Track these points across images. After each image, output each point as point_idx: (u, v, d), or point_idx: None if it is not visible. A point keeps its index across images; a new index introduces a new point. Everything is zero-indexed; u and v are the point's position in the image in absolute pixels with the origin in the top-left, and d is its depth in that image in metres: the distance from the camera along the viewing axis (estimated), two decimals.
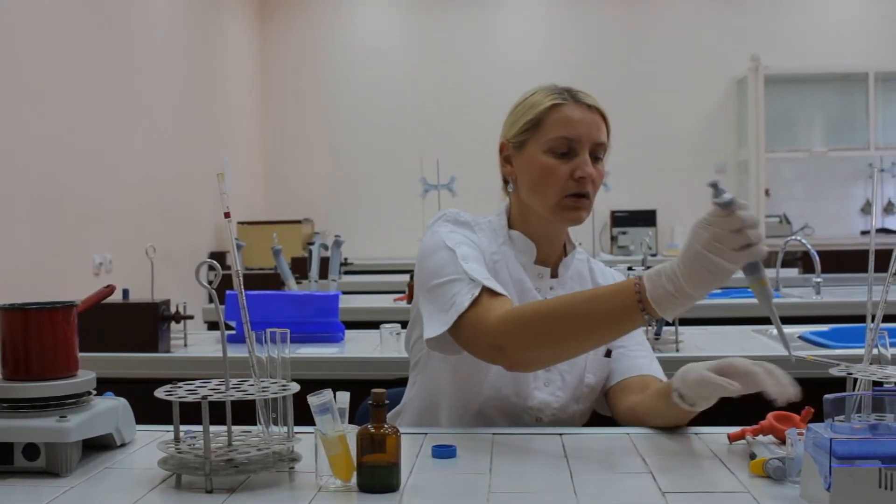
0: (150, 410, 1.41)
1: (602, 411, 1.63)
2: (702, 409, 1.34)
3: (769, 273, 4.23)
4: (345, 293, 3.06)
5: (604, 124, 1.54)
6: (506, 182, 1.60)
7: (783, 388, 1.24)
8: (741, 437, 1.31)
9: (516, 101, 1.59)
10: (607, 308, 1.28)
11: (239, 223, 5.65)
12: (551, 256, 1.59)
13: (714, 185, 1.19)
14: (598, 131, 1.51)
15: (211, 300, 1.68)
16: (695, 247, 1.19)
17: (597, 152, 1.52)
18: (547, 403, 1.53)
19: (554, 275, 1.58)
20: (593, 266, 1.66)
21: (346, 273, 4.45)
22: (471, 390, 1.52)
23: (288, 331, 1.25)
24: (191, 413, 1.20)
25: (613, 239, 6.62)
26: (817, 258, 3.36)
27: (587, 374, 1.56)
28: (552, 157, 1.50)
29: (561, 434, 1.41)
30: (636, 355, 1.59)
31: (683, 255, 1.21)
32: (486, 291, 1.41)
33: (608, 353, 1.58)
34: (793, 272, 4.41)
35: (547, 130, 1.51)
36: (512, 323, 1.34)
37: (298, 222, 5.94)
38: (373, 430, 1.11)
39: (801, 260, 5.20)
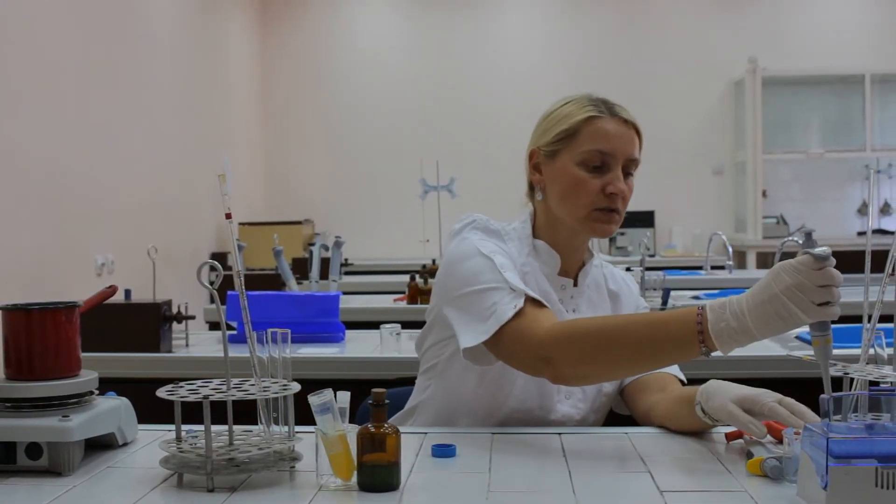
0: (151, 410, 1.42)
1: (620, 410, 1.61)
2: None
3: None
4: (345, 293, 3.07)
5: (638, 139, 1.53)
6: (531, 189, 1.59)
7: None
8: (739, 436, 1.32)
9: (548, 108, 1.57)
10: (665, 335, 1.25)
11: (240, 224, 5.66)
12: (573, 266, 1.58)
13: (808, 235, 1.16)
14: (632, 146, 1.51)
15: (212, 300, 1.69)
16: (773, 290, 1.15)
17: (629, 168, 1.51)
18: (569, 416, 1.53)
19: (574, 284, 1.58)
20: (605, 272, 1.65)
21: (347, 273, 4.46)
22: (495, 401, 1.50)
23: (289, 331, 1.26)
24: (192, 413, 1.21)
25: (612, 240, 6.62)
26: None
27: (605, 384, 1.56)
28: (585, 169, 1.49)
29: (560, 434, 1.42)
30: None
31: (756, 294, 1.18)
32: (530, 302, 1.39)
33: None
34: None
35: (581, 142, 1.49)
36: (562, 336, 1.33)
37: (299, 223, 5.95)
38: (373, 430, 1.12)
39: None
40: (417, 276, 3.31)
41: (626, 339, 1.29)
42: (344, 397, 1.17)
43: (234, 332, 2.38)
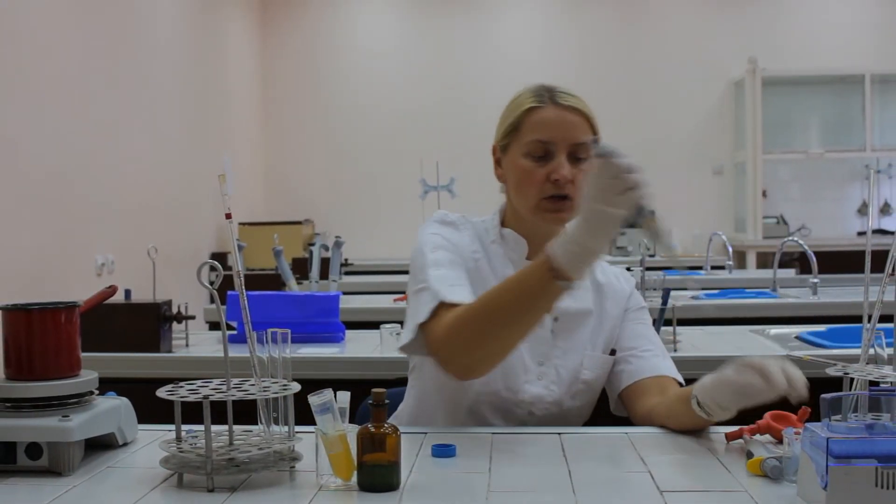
0: (151, 410, 1.42)
1: (619, 413, 1.62)
2: (720, 419, 1.33)
3: (767, 273, 4.19)
4: (345, 293, 3.07)
5: (587, 123, 1.53)
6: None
7: (797, 391, 1.22)
8: (739, 436, 1.32)
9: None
10: (524, 287, 1.30)
11: (240, 224, 5.66)
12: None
13: (595, 142, 1.25)
14: (575, 132, 1.51)
15: (212, 300, 1.68)
16: (585, 202, 1.24)
17: (577, 153, 1.51)
18: (540, 397, 1.53)
19: None
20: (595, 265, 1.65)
21: (347, 273, 4.46)
22: (461, 387, 1.52)
23: (289, 331, 1.26)
24: (192, 413, 1.21)
25: (611, 240, 6.62)
26: (814, 259, 3.37)
27: (584, 370, 1.56)
28: (530, 160, 1.51)
29: (560, 433, 1.42)
30: (648, 355, 1.57)
31: (579, 213, 1.26)
32: (444, 305, 1.41)
33: (612, 352, 1.58)
34: (790, 273, 4.42)
35: (525, 134, 1.52)
36: (449, 334, 1.36)
37: (299, 223, 5.95)
38: (373, 430, 1.12)
39: (798, 261, 5.21)
40: None
41: (496, 311, 1.32)
42: (344, 397, 1.17)
43: (234, 332, 2.38)
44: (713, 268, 4.76)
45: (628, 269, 2.36)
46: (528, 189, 1.51)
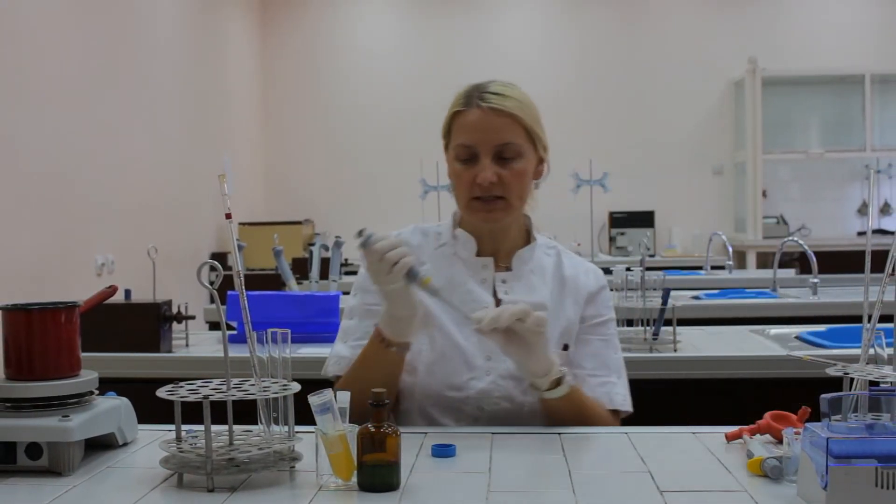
0: (151, 410, 1.42)
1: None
2: (544, 388, 1.42)
3: (767, 273, 4.19)
4: (345, 293, 3.06)
5: (515, 122, 1.52)
6: None
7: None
8: (738, 436, 1.32)
9: None
10: (372, 358, 1.46)
11: (240, 224, 5.66)
12: (500, 249, 1.61)
13: (359, 233, 1.37)
14: (498, 134, 1.51)
15: (212, 300, 1.68)
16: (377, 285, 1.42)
17: (503, 153, 1.52)
18: (487, 392, 1.53)
19: (508, 268, 1.60)
20: (564, 259, 1.65)
21: (347, 273, 4.45)
22: (403, 393, 1.55)
23: (289, 331, 1.26)
24: (192, 413, 1.21)
25: (612, 240, 6.63)
26: (814, 259, 3.37)
27: None
28: (459, 163, 1.55)
29: (560, 433, 1.42)
30: (601, 382, 1.57)
31: None
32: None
33: (565, 347, 1.57)
34: (790, 273, 4.42)
35: (454, 137, 1.56)
36: (340, 388, 1.39)
37: (299, 223, 5.95)
38: (373, 430, 1.12)
39: (798, 261, 5.22)
40: None
41: (360, 380, 1.43)
42: (344, 397, 1.17)
43: (234, 332, 2.38)
44: (713, 268, 4.76)
45: (628, 269, 2.37)
46: (459, 191, 1.56)
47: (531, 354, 1.39)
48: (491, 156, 1.51)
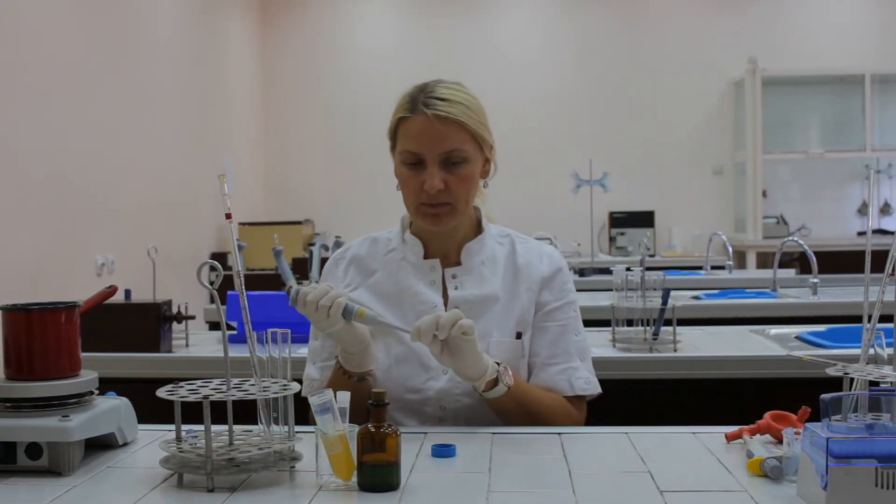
0: (151, 410, 1.42)
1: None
2: (482, 389, 1.44)
3: (767, 273, 4.19)
4: None
5: (461, 128, 1.51)
6: None
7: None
8: (738, 436, 1.32)
9: None
10: (338, 386, 1.41)
11: (240, 224, 5.66)
12: (450, 247, 1.61)
13: (287, 291, 1.45)
14: (444, 141, 1.50)
15: (212, 300, 1.68)
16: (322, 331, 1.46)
17: (451, 158, 1.51)
18: (446, 391, 1.53)
19: (458, 262, 1.60)
20: (518, 247, 1.63)
21: None
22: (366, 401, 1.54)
23: (289, 331, 1.26)
24: (192, 413, 1.21)
25: (612, 240, 6.63)
26: (814, 259, 3.37)
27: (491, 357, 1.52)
28: (406, 167, 1.54)
29: (560, 433, 1.42)
30: (562, 368, 1.56)
31: None
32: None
33: (518, 336, 1.57)
34: (790, 273, 4.42)
35: (399, 142, 1.56)
36: None
37: (299, 223, 5.95)
38: (373, 430, 1.12)
39: (798, 261, 5.22)
40: None
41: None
42: (344, 397, 1.17)
43: (234, 332, 2.38)
44: (713, 268, 4.76)
45: (628, 269, 2.36)
46: (407, 195, 1.57)
47: (464, 360, 1.39)
48: (437, 163, 1.51)
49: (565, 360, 1.57)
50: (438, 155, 1.51)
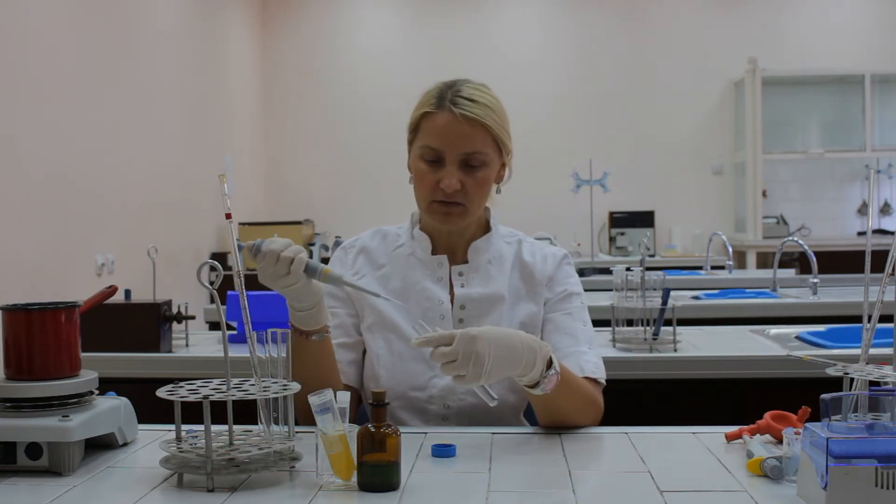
0: (151, 410, 1.42)
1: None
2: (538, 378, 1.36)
3: (767, 273, 4.19)
4: None
5: (485, 131, 1.51)
6: None
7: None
8: (738, 436, 1.32)
9: None
10: (296, 349, 1.40)
11: (240, 224, 5.66)
12: (458, 245, 1.61)
13: (249, 248, 1.37)
14: (465, 142, 1.50)
15: (212, 300, 1.68)
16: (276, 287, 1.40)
17: (471, 161, 1.51)
18: (450, 389, 1.53)
19: (465, 260, 1.60)
20: (525, 249, 1.64)
21: None
22: (367, 389, 1.56)
23: (289, 331, 1.26)
24: (192, 413, 1.21)
25: (612, 240, 6.63)
26: (814, 259, 3.38)
27: None
28: (423, 163, 1.54)
29: (560, 433, 1.42)
30: (572, 352, 1.54)
31: None
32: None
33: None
34: (790, 273, 4.42)
35: (421, 137, 1.55)
36: None
37: (299, 223, 5.95)
38: (373, 430, 1.12)
39: (798, 261, 5.22)
40: None
41: (298, 368, 1.38)
42: (344, 397, 1.17)
43: (234, 332, 2.38)
44: (713, 268, 4.77)
45: (628, 269, 2.37)
46: (420, 191, 1.56)
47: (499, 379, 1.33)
48: (457, 163, 1.51)
49: (573, 344, 1.55)
50: (459, 155, 1.51)
